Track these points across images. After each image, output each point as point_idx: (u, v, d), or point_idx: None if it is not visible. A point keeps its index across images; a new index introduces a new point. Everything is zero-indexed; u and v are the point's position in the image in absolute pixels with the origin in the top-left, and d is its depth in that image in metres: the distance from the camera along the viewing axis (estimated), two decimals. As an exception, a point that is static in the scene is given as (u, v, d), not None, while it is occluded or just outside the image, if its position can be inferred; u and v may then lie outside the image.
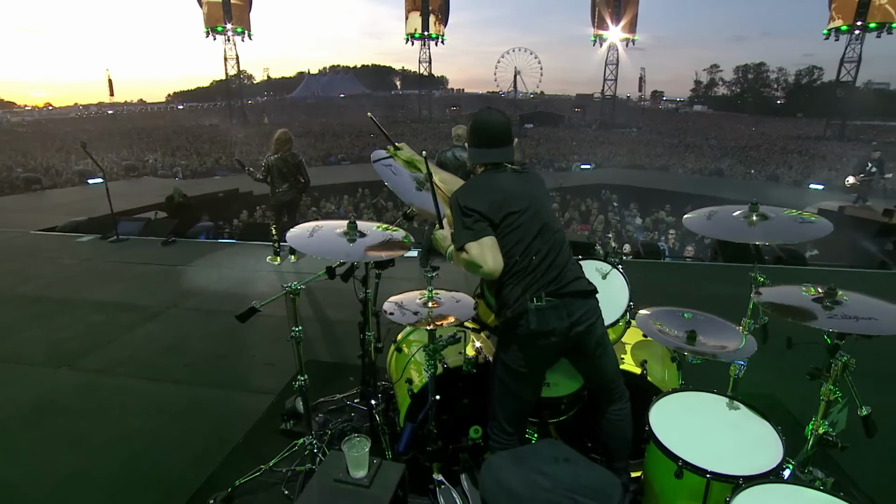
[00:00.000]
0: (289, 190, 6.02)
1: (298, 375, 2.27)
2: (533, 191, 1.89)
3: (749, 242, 2.06)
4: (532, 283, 1.77)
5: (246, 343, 4.24)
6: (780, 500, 1.55)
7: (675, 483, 1.74)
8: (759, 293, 2.02)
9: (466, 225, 1.75)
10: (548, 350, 1.84)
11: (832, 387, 1.95)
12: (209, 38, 39.25)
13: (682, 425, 1.88)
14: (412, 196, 2.11)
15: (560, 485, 1.64)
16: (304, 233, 2.11)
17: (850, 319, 1.68)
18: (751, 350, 2.08)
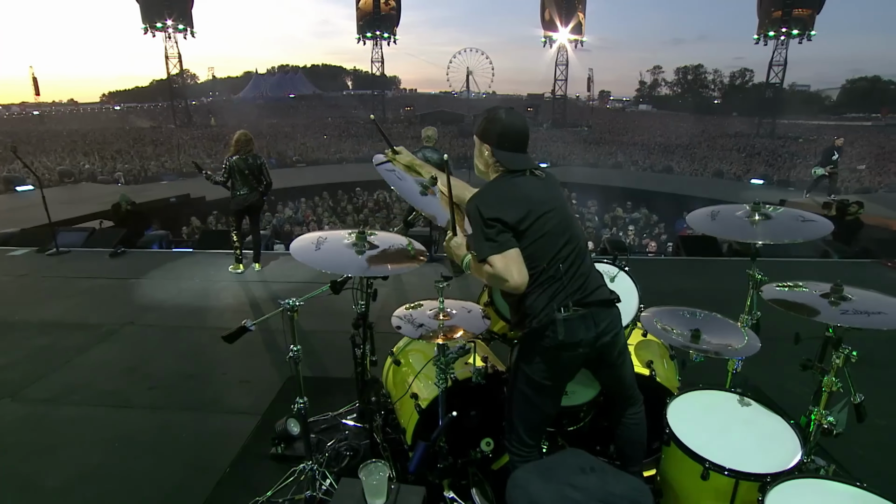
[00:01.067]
0: (250, 193, 5.69)
1: (297, 398, 2.10)
2: (556, 196, 1.81)
3: (752, 241, 2.08)
4: (558, 291, 1.70)
5: (216, 360, 3.96)
6: (809, 495, 1.56)
7: (702, 485, 1.73)
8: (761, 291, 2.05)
9: (489, 236, 1.64)
10: (574, 361, 1.78)
11: (834, 378, 2.00)
12: (148, 35, 37.05)
13: (699, 425, 1.88)
14: (418, 200, 1.99)
15: (592, 497, 1.59)
16: (310, 246, 1.94)
17: (861, 314, 1.72)
18: (754, 347, 2.11)
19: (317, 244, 1.93)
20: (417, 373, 2.21)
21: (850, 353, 1.92)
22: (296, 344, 2.00)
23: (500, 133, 1.79)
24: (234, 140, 5.70)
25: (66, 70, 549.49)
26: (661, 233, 12.89)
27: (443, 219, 1.95)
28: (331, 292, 1.99)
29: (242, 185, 5.64)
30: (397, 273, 1.88)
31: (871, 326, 1.69)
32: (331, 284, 1.95)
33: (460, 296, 2.40)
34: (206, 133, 36.20)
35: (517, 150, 1.80)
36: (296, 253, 1.90)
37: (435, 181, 2.03)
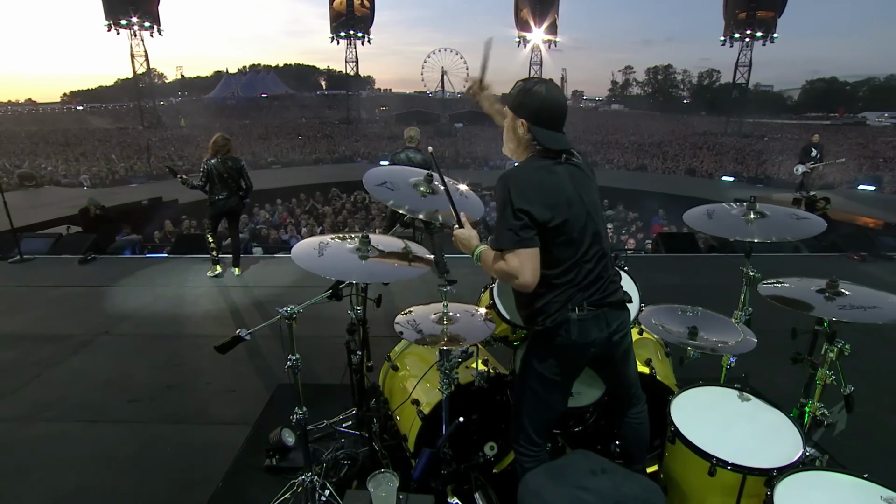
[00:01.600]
0: (229, 197, 5.51)
1: (296, 408, 2.02)
2: (590, 191, 1.72)
3: (747, 240, 2.11)
4: (577, 292, 1.67)
5: (198, 369, 3.82)
6: (814, 487, 1.59)
7: (708, 481, 1.74)
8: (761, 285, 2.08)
9: (513, 228, 1.55)
10: (584, 360, 1.77)
11: (828, 371, 2.05)
12: (112, 33, 35.69)
13: (703, 422, 1.89)
14: (419, 205, 1.93)
15: (606, 499, 1.58)
16: (313, 252, 1.86)
17: (858, 309, 1.76)
18: (751, 343, 2.14)
19: (319, 250, 1.86)
20: (420, 378, 2.16)
21: (844, 346, 1.98)
22: (294, 353, 1.92)
23: (539, 108, 1.65)
24: (211, 143, 5.53)
25: (23, 68, 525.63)
26: (637, 230, 13.14)
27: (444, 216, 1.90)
28: (331, 299, 1.92)
29: (221, 189, 5.46)
30: (403, 278, 1.82)
31: (868, 321, 1.73)
32: (332, 290, 1.89)
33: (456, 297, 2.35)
34: (176, 134, 35.16)
35: (555, 128, 1.67)
36: (299, 260, 1.82)
37: (431, 178, 1.98)
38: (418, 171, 2.06)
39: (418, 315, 2.01)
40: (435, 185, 1.97)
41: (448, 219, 1.83)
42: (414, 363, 2.44)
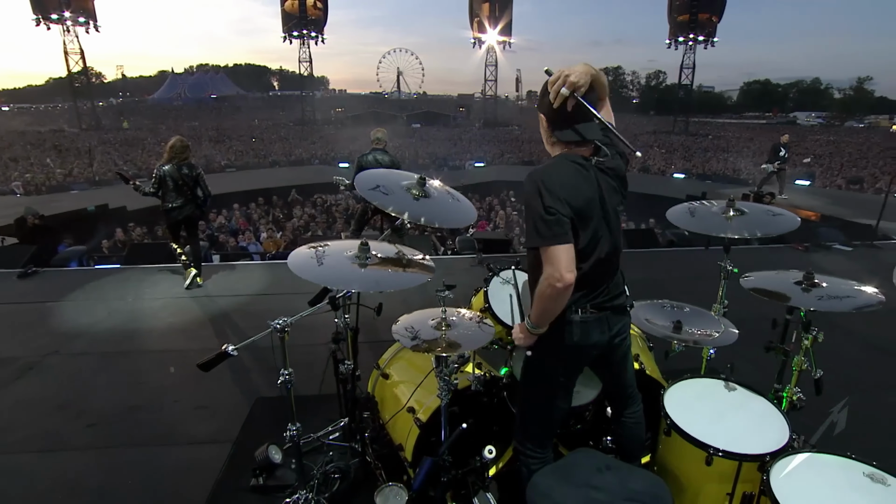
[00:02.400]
0: (184, 205, 5.17)
1: (290, 424, 1.93)
2: (613, 196, 1.70)
3: (727, 236, 2.19)
4: (582, 295, 1.67)
5: (164, 387, 3.60)
6: (804, 468, 1.67)
7: (705, 470, 1.79)
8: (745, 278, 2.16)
9: (545, 224, 1.53)
10: (586, 360, 1.79)
11: (803, 357, 2.17)
12: (41, 28, 33.26)
13: (695, 413, 1.95)
14: (413, 207, 1.89)
15: (616, 497, 1.60)
16: (311, 262, 1.77)
17: (834, 299, 1.87)
18: (733, 335, 2.23)
19: (318, 259, 1.77)
20: (418, 385, 2.11)
21: (818, 334, 2.10)
22: (287, 366, 1.83)
23: (551, 103, 1.64)
24: (168, 146, 5.20)
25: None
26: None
27: (438, 220, 1.87)
28: (321, 308, 1.84)
29: (176, 197, 5.11)
30: (405, 286, 1.75)
31: (844, 309, 1.84)
32: (329, 300, 1.81)
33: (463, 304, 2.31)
34: (119, 137, 33.22)
35: (572, 120, 1.65)
36: (298, 271, 1.73)
37: (424, 181, 1.95)
38: (409, 175, 2.01)
39: (415, 321, 1.96)
40: (428, 188, 1.93)
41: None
42: (405, 370, 2.39)
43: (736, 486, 1.77)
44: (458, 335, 1.86)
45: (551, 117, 1.67)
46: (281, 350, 1.80)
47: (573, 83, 1.56)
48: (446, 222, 1.95)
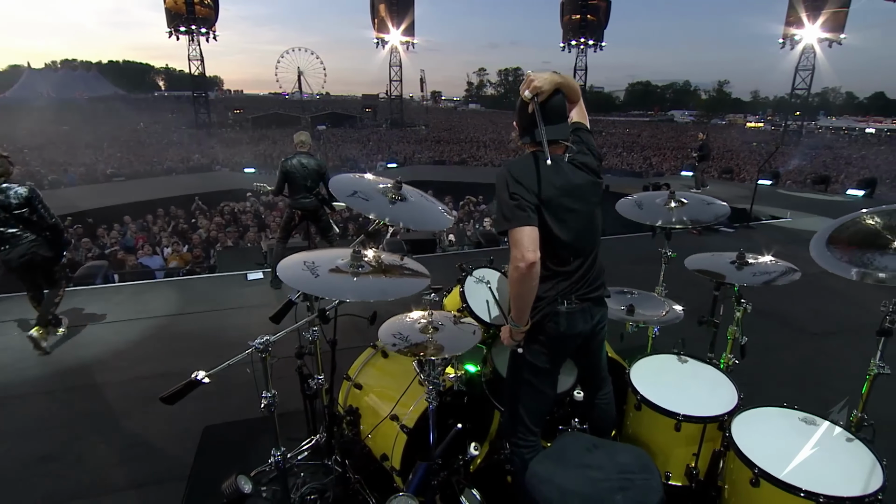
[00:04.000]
0: (16, 245, 3.79)
1: (273, 449, 1.80)
2: (591, 192, 1.79)
3: (672, 225, 2.44)
4: (567, 286, 1.76)
5: (77, 429, 3.12)
6: (755, 420, 1.94)
7: (675, 435, 2.00)
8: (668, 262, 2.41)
9: (509, 209, 1.62)
10: (571, 349, 1.88)
11: (735, 327, 2.48)
12: None
13: (659, 386, 2.15)
14: (389, 211, 1.87)
15: (610, 472, 1.71)
16: (307, 275, 1.65)
17: (765, 275, 2.16)
18: (679, 314, 2.48)
19: (312, 271, 1.67)
20: (404, 391, 2.08)
21: (747, 305, 2.41)
22: (270, 388, 1.71)
23: (519, 105, 1.76)
24: None
25: None
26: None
27: (413, 223, 1.88)
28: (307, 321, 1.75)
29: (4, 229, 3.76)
30: (407, 293, 1.71)
31: (775, 283, 2.14)
32: (319, 313, 1.71)
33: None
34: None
35: (539, 121, 1.68)
36: (295, 284, 1.61)
37: (400, 185, 1.94)
38: (383, 180, 1.98)
39: (401, 325, 1.93)
40: (404, 192, 1.92)
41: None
42: (378, 378, 2.35)
43: (701, 446, 1.99)
44: (445, 337, 1.87)
45: (521, 122, 1.77)
46: (263, 371, 1.68)
47: (536, 87, 1.65)
48: (423, 225, 1.96)
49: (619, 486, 1.67)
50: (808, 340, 4.30)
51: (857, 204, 11.53)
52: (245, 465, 2.46)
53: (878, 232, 1.89)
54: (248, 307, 5.20)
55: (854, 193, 12.86)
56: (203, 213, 13.65)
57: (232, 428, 2.99)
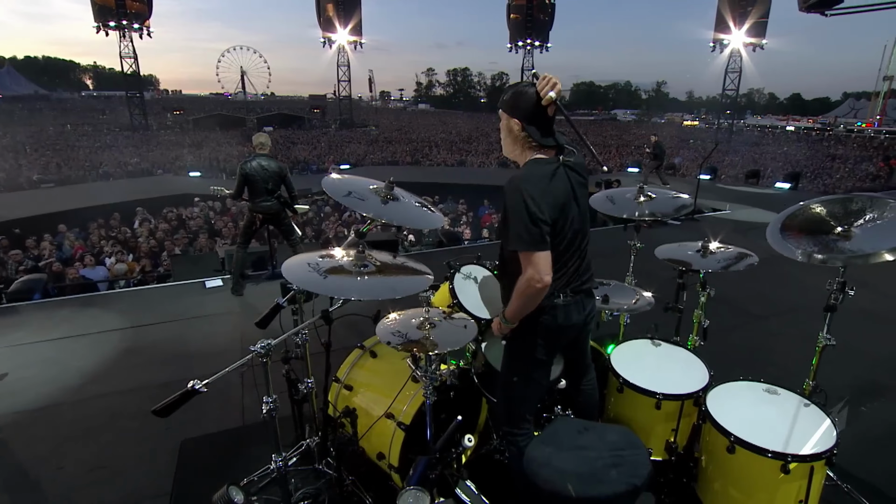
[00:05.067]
0: None
1: (274, 454, 1.78)
2: (583, 192, 1.87)
3: (642, 218, 2.61)
4: (563, 281, 1.84)
5: (32, 454, 2.92)
6: (727, 394, 2.13)
7: (655, 413, 2.15)
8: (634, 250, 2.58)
9: (531, 233, 1.67)
10: (565, 340, 1.97)
11: (700, 311, 2.68)
12: None
13: (637, 370, 2.30)
14: (381, 210, 1.89)
15: (602, 451, 1.82)
16: (315, 276, 1.63)
17: (728, 261, 2.36)
18: (651, 301, 2.65)
19: (320, 273, 1.65)
20: (400, 390, 2.10)
21: (711, 291, 2.61)
22: (271, 393, 1.70)
23: (532, 108, 1.75)
24: None
25: None
26: (469, 221, 14.33)
27: (406, 222, 1.92)
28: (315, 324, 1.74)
29: None
30: (414, 291, 1.74)
31: (738, 269, 2.35)
32: (322, 314, 1.71)
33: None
34: None
35: (546, 126, 1.79)
36: (305, 285, 1.60)
37: (392, 186, 1.97)
38: (375, 181, 2.00)
39: (399, 322, 1.95)
40: (396, 192, 1.95)
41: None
42: (369, 378, 2.35)
43: (680, 421, 2.15)
44: (441, 333, 1.91)
45: (531, 120, 1.78)
46: (263, 376, 1.66)
47: (559, 90, 1.72)
48: (416, 223, 2.00)
49: (611, 462, 1.79)
50: (754, 322, 4.67)
51: (785, 195, 12.57)
52: (231, 477, 2.39)
53: (823, 219, 2.12)
54: (211, 315, 5.01)
55: (782, 186, 13.97)
56: (147, 219, 12.92)
57: (211, 440, 2.90)
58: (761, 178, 17.05)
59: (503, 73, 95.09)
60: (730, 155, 28.50)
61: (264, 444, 2.81)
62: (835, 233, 2.08)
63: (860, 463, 2.52)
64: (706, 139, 37.62)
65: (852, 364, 3.63)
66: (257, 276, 6.17)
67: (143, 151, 25.97)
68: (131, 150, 26.67)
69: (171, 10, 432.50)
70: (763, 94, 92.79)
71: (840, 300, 2.14)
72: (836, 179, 21.35)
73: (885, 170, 20.70)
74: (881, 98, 61.00)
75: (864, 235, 2.03)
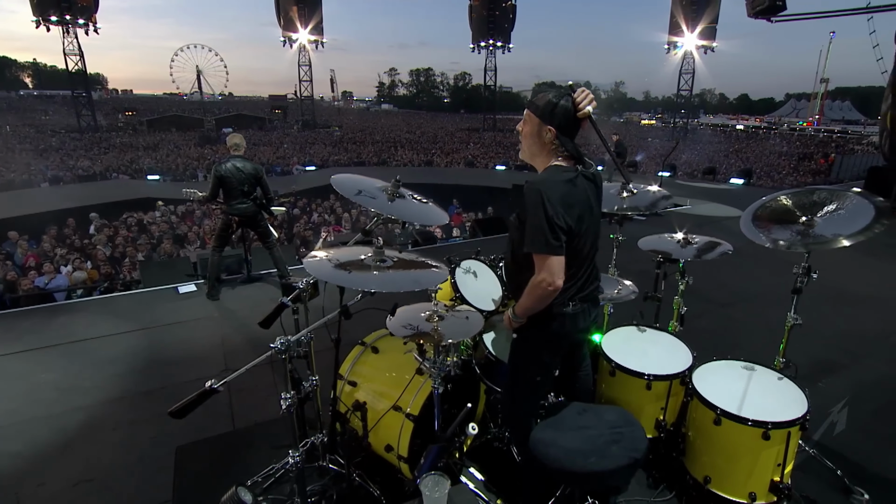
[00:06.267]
0: None
1: (291, 450, 1.81)
2: (598, 202, 1.94)
3: (623, 213, 2.77)
4: (574, 290, 1.93)
5: (13, 468, 2.81)
6: (710, 372, 2.32)
7: (646, 394, 2.30)
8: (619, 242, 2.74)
9: (549, 237, 1.73)
10: (570, 344, 2.09)
11: (680, 298, 2.86)
12: None
13: (627, 354, 2.45)
14: (390, 208, 1.96)
15: (603, 430, 1.95)
16: (341, 272, 1.66)
17: (707, 251, 2.55)
18: (634, 291, 2.81)
19: (346, 268, 1.69)
20: (408, 386, 2.16)
21: (689, 279, 2.79)
22: (289, 390, 1.73)
23: (567, 119, 1.80)
24: None
25: None
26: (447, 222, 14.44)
27: (414, 219, 1.99)
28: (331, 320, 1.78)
29: None
30: (432, 284, 1.80)
31: (715, 257, 2.54)
32: (342, 309, 1.74)
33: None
34: None
35: (573, 137, 1.85)
36: (334, 280, 1.63)
37: (399, 184, 2.04)
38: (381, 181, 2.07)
39: (408, 316, 2.02)
40: (402, 190, 2.02)
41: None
42: (372, 374, 2.41)
43: (668, 400, 2.31)
44: (449, 325, 2.00)
45: (565, 130, 1.84)
46: (283, 372, 1.69)
47: (595, 105, 1.79)
48: (422, 219, 2.08)
49: (612, 439, 1.91)
50: (718, 309, 4.98)
51: (739, 190, 13.30)
52: (232, 479, 2.39)
53: (790, 210, 2.33)
54: (188, 321, 4.89)
55: (736, 182, 14.77)
56: (105, 225, 12.36)
57: (206, 445, 2.86)
58: (717, 174, 17.95)
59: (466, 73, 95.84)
60: (686, 153, 29.78)
61: (261, 447, 2.82)
62: (800, 222, 2.29)
63: (824, 432, 2.79)
64: (663, 137, 39.17)
65: (809, 343, 3.95)
66: (232, 279, 6.06)
67: (95, 154, 24.76)
68: (81, 152, 25.36)
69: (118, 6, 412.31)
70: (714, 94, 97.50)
71: (805, 283, 2.36)
72: (783, 175, 22.71)
73: (825, 166, 22.21)
74: (819, 99, 65.28)
75: (825, 224, 2.24)
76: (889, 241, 6.32)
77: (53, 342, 4.39)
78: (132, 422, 3.23)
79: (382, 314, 2.05)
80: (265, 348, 1.67)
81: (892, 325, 4.61)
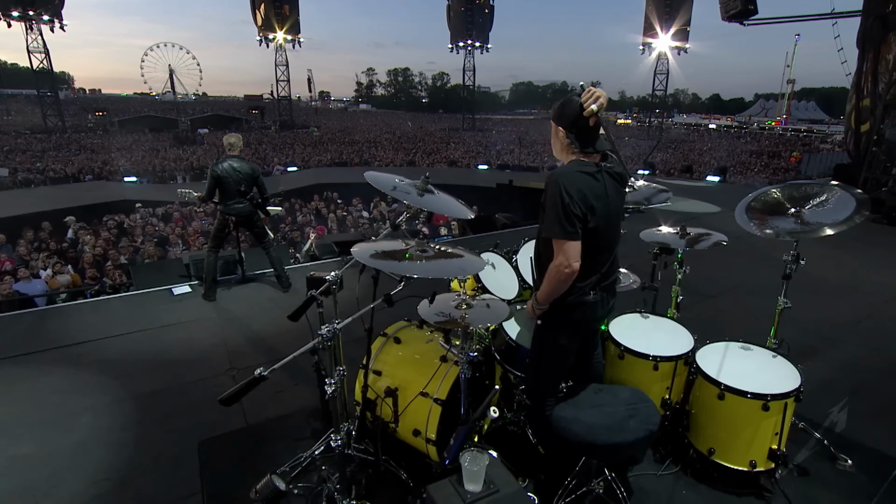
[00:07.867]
0: None
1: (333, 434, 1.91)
2: (620, 197, 2.06)
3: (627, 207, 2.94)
4: (595, 279, 2.06)
5: (26, 472, 2.81)
6: (712, 353, 2.52)
7: (653, 374, 2.47)
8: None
9: (565, 223, 1.87)
10: (590, 330, 2.25)
11: (678, 287, 3.05)
12: None
13: (634, 338, 2.61)
14: (419, 201, 2.09)
15: (618, 406, 2.11)
16: (392, 261, 1.78)
17: (704, 241, 2.76)
18: (637, 281, 2.99)
19: (396, 258, 1.81)
20: (434, 372, 2.29)
21: (686, 268, 2.99)
22: (333, 376, 1.83)
23: (575, 117, 1.93)
24: None
25: None
26: (425, 219, 14.56)
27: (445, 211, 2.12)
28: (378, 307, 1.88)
29: None
30: (473, 272, 1.94)
31: (710, 246, 2.74)
32: (385, 298, 1.84)
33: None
34: None
35: (590, 133, 1.96)
36: (390, 269, 1.75)
37: (427, 181, 2.16)
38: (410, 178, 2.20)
39: (437, 305, 2.15)
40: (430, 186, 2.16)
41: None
42: (396, 363, 2.52)
43: (674, 380, 2.49)
44: (476, 313, 2.14)
45: (573, 128, 1.98)
46: (330, 358, 1.79)
47: (603, 103, 1.91)
48: (450, 212, 2.22)
49: (628, 414, 2.08)
50: (705, 300, 5.23)
51: (716, 187, 13.77)
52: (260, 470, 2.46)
53: (780, 202, 2.53)
54: (186, 322, 4.89)
55: (712, 179, 15.28)
56: (83, 228, 12.06)
57: (227, 439, 2.93)
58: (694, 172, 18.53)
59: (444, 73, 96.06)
60: (662, 151, 30.56)
61: (280, 440, 2.90)
62: (789, 213, 2.49)
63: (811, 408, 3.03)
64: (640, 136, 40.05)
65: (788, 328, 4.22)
66: (227, 280, 6.05)
67: (65, 156, 24.00)
68: (51, 154, 24.55)
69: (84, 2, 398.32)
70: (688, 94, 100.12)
71: (794, 269, 2.57)
72: (755, 172, 23.54)
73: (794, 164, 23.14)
74: (786, 99, 67.71)
75: (811, 215, 2.45)
76: (857, 236, 6.72)
77: (50, 345, 4.34)
78: (141, 422, 3.25)
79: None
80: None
81: (861, 312, 4.93)
